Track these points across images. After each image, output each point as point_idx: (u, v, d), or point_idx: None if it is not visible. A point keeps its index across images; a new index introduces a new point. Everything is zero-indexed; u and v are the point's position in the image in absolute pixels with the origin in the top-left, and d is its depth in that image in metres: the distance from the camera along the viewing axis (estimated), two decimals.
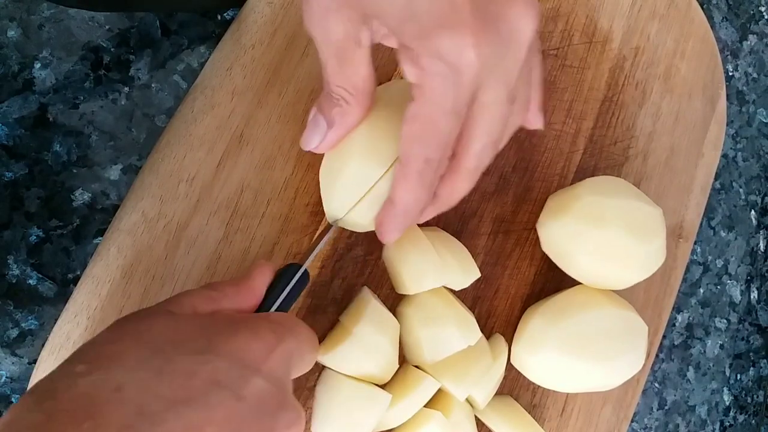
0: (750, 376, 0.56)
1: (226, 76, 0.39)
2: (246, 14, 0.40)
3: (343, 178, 0.34)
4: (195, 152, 0.38)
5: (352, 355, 0.36)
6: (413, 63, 0.27)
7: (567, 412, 0.44)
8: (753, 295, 0.56)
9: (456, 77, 0.27)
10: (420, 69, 0.27)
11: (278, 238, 0.38)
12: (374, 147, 0.33)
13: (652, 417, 0.52)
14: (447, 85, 0.27)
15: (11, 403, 0.38)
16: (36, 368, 0.36)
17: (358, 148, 0.34)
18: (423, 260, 0.37)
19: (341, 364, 0.36)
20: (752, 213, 0.56)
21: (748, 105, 0.57)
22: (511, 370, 0.42)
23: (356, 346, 0.36)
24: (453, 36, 0.26)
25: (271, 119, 0.39)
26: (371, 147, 0.34)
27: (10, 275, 0.38)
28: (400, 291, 0.39)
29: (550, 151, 0.44)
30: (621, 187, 0.40)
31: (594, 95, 0.46)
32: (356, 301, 0.39)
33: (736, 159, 0.56)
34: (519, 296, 0.43)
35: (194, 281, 0.37)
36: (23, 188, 0.38)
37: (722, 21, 0.57)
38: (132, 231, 0.37)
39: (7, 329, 0.38)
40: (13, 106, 0.39)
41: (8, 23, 0.39)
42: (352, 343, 0.36)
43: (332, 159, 0.35)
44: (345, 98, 0.31)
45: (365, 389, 0.36)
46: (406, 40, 0.27)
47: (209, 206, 0.38)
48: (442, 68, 0.26)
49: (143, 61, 0.41)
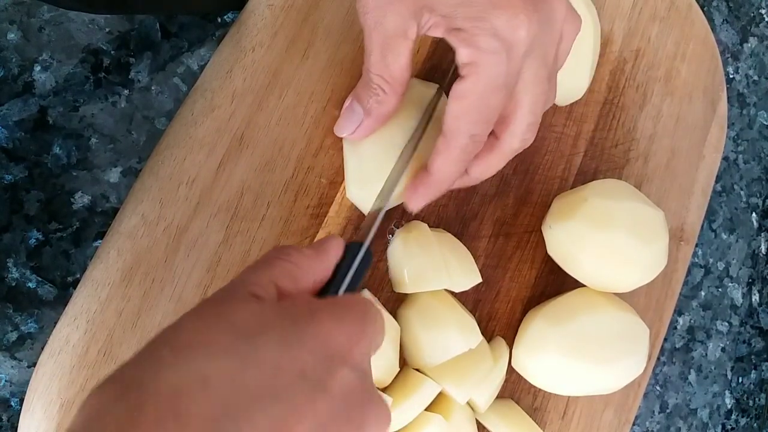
0: (751, 379, 0.56)
1: (226, 78, 0.39)
2: (246, 17, 0.40)
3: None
4: (195, 155, 0.38)
5: None
6: (467, 43, 0.29)
7: (568, 415, 0.44)
8: (754, 298, 0.56)
9: (509, 53, 0.29)
10: (475, 48, 0.29)
11: (278, 241, 0.38)
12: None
13: (653, 420, 0.51)
14: (500, 61, 0.29)
15: (10, 406, 0.38)
16: (35, 371, 0.35)
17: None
18: (427, 261, 0.37)
19: None
20: (753, 215, 0.56)
21: (749, 107, 0.57)
22: (512, 373, 0.41)
23: None
24: (507, 15, 0.28)
25: (271, 122, 0.39)
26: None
27: (10, 278, 0.38)
28: (399, 289, 0.39)
29: (550, 154, 0.44)
30: (625, 190, 0.40)
31: (595, 98, 0.46)
32: None
33: (737, 161, 0.56)
34: (520, 299, 0.43)
35: (194, 284, 0.37)
36: (23, 191, 0.38)
37: (723, 23, 0.57)
38: (132, 234, 0.37)
39: (6, 332, 0.37)
40: (13, 109, 0.39)
41: (8, 26, 0.39)
42: None
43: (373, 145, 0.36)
44: (383, 87, 0.33)
45: None
46: (458, 23, 0.29)
47: (209, 209, 0.38)
48: (496, 45, 0.29)
49: (143, 64, 0.41)
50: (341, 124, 0.35)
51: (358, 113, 0.34)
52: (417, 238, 0.38)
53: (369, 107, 0.34)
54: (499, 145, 0.33)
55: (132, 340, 0.36)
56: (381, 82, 0.33)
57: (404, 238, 0.39)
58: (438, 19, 0.30)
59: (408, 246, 0.38)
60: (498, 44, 0.29)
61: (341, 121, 0.35)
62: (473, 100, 0.30)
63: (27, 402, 0.35)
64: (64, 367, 0.35)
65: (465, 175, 0.35)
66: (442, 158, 0.32)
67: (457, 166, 0.32)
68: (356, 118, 0.34)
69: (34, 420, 0.35)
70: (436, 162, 0.33)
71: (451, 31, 0.30)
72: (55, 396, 0.35)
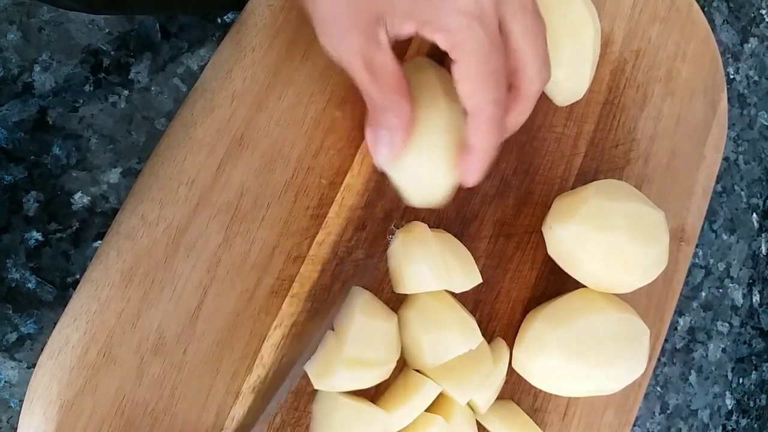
0: (752, 379, 0.56)
1: (226, 79, 0.39)
2: (246, 17, 0.40)
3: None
4: (195, 155, 0.38)
5: (352, 348, 0.36)
6: (439, 30, 0.30)
7: (568, 416, 0.44)
8: (755, 299, 0.56)
9: (481, 20, 0.29)
10: (447, 32, 0.30)
11: (278, 242, 0.38)
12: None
13: (654, 421, 0.51)
14: (477, 31, 0.29)
15: (10, 407, 0.37)
16: (35, 372, 0.35)
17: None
18: (427, 262, 0.37)
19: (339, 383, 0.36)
20: (754, 216, 0.56)
21: (750, 108, 0.57)
22: (513, 374, 0.41)
23: (355, 339, 0.36)
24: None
25: (271, 122, 0.39)
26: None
27: (9, 279, 0.38)
28: (399, 290, 0.39)
29: (551, 154, 0.44)
30: (626, 190, 0.40)
31: (595, 98, 0.46)
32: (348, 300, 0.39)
33: (737, 162, 0.56)
34: (520, 300, 0.43)
35: (194, 285, 0.37)
36: (22, 191, 0.38)
37: (723, 24, 0.57)
38: (131, 234, 0.36)
39: (6, 333, 0.37)
40: (12, 110, 0.39)
41: (8, 26, 0.39)
42: (350, 336, 0.36)
43: None
44: (390, 98, 0.33)
45: (361, 408, 0.36)
46: (421, 17, 0.29)
47: (209, 210, 0.37)
48: (465, 20, 0.29)
49: (143, 64, 0.41)
50: (376, 155, 0.35)
51: (383, 136, 0.34)
52: (417, 238, 0.38)
53: (389, 124, 0.33)
54: (523, 94, 0.34)
55: (132, 341, 0.36)
56: (383, 96, 0.32)
57: (404, 238, 0.39)
58: (401, 19, 0.30)
59: (408, 246, 0.38)
60: (465, 19, 0.29)
61: (375, 151, 0.35)
62: (474, 75, 0.30)
63: (26, 403, 0.35)
64: (63, 367, 0.35)
65: (504, 130, 0.35)
66: (478, 134, 0.33)
67: (494, 134, 0.33)
68: (385, 140, 0.34)
69: (33, 421, 0.35)
70: (474, 139, 0.33)
71: (420, 25, 0.30)
72: (54, 397, 0.35)
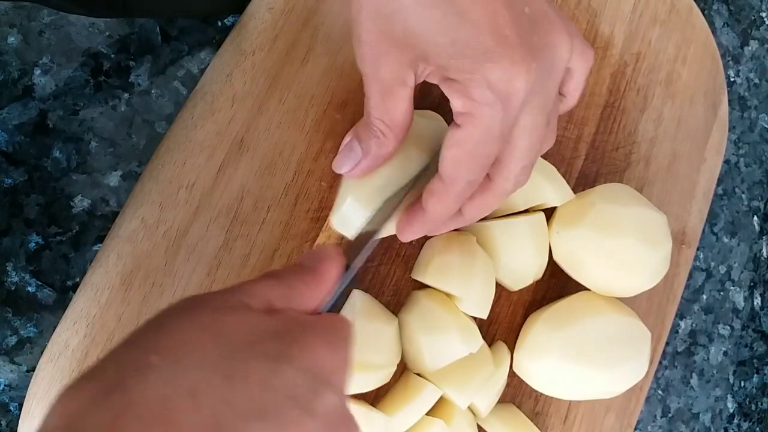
0: (754, 383, 0.56)
1: (226, 82, 0.39)
2: (246, 20, 0.40)
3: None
4: (195, 158, 0.38)
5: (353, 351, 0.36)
6: (462, 94, 0.28)
7: (570, 419, 0.43)
8: (756, 302, 0.56)
9: (505, 104, 0.28)
10: (469, 99, 0.28)
11: (279, 245, 0.38)
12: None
13: (655, 425, 0.51)
14: (496, 113, 0.28)
15: (9, 411, 0.37)
16: (35, 376, 0.35)
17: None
18: (458, 266, 0.38)
19: None
20: (755, 219, 0.56)
21: (750, 110, 0.57)
22: (514, 377, 0.41)
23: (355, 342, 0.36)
24: (501, 67, 0.27)
25: (271, 125, 0.39)
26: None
27: (9, 282, 0.38)
28: (418, 275, 0.39)
29: (551, 157, 0.44)
30: (630, 194, 0.41)
31: (595, 101, 0.46)
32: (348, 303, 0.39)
33: (738, 165, 0.56)
34: (521, 303, 0.43)
35: (194, 288, 0.37)
36: (22, 195, 0.38)
37: (723, 26, 0.57)
38: (131, 238, 0.36)
39: (5, 337, 0.37)
40: (12, 113, 0.39)
41: (8, 30, 0.39)
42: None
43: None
44: (383, 131, 0.32)
45: (362, 412, 0.36)
46: (452, 74, 0.28)
47: (209, 213, 0.37)
48: (491, 98, 0.28)
49: (143, 68, 0.41)
50: (340, 161, 0.35)
51: (356, 152, 0.34)
52: (462, 242, 0.39)
53: (368, 148, 0.33)
54: (493, 187, 0.32)
55: None
56: (382, 126, 0.32)
57: (449, 235, 0.39)
58: (433, 68, 0.29)
59: (450, 243, 0.38)
60: (493, 96, 0.28)
61: (340, 158, 0.35)
62: (469, 148, 0.29)
63: (26, 407, 0.35)
64: (63, 371, 0.35)
65: (459, 215, 0.34)
66: (436, 199, 0.32)
67: (451, 207, 0.32)
68: (355, 157, 0.34)
69: (33, 425, 0.35)
70: (430, 202, 0.32)
71: (446, 80, 0.29)
72: None
